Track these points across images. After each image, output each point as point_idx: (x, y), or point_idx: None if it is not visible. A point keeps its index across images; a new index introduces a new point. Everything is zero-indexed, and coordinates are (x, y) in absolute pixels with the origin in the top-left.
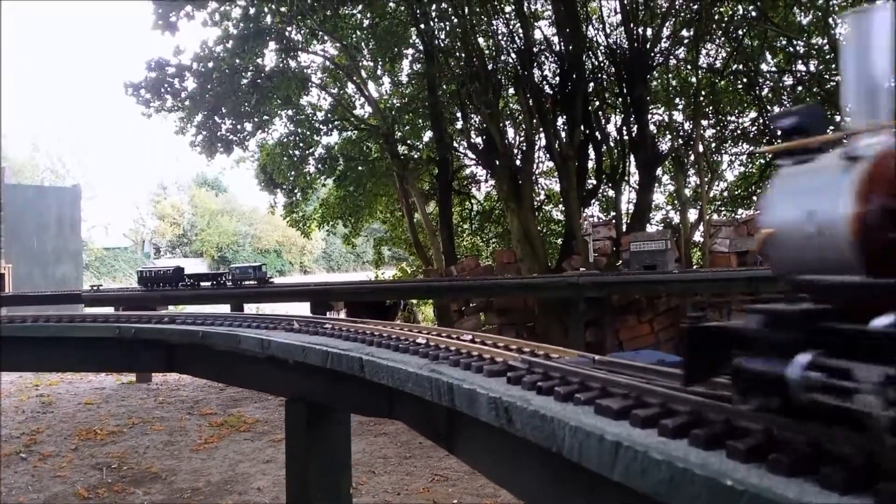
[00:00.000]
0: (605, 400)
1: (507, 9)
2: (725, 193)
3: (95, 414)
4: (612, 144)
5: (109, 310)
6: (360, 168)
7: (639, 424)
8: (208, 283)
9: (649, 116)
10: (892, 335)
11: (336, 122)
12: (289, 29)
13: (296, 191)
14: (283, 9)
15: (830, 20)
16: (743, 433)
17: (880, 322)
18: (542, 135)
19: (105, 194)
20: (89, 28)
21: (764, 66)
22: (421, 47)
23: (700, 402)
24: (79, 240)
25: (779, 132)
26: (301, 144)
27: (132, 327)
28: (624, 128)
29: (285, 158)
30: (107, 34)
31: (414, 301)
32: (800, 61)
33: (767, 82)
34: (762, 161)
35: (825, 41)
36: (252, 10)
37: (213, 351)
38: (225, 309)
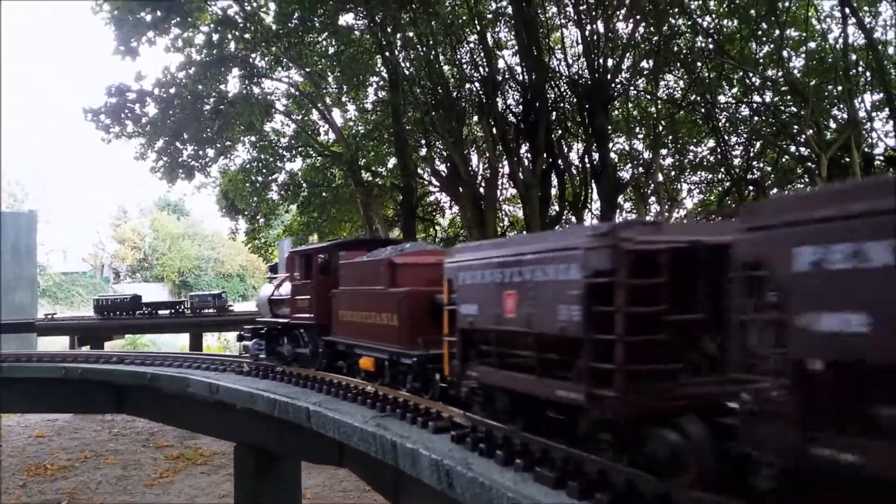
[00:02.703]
0: None
1: (472, 38)
2: (685, 221)
3: (46, 448)
4: (574, 172)
5: (64, 339)
6: (324, 194)
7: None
8: (167, 312)
9: (610, 145)
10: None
11: (300, 149)
12: (253, 56)
13: (258, 217)
14: (246, 35)
15: (784, 53)
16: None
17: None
18: (506, 162)
19: (64, 218)
20: (49, 50)
21: (721, 98)
22: (385, 75)
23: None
24: (34, 266)
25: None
26: (264, 170)
27: (79, 367)
28: (586, 156)
29: (248, 184)
30: (68, 56)
31: None
32: (755, 93)
33: (725, 113)
34: (720, 189)
35: (780, 73)
36: (215, 37)
37: (162, 393)
38: (184, 337)
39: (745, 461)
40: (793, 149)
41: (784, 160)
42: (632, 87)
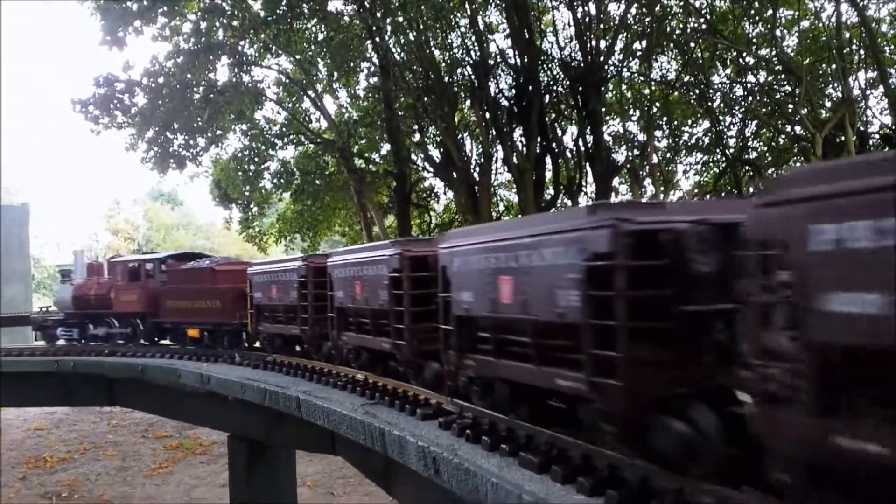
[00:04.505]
0: None
1: (463, 22)
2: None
3: (45, 440)
4: (568, 156)
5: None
6: (317, 182)
7: None
8: None
9: (604, 128)
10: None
11: (291, 137)
12: (241, 43)
13: (251, 205)
14: (234, 23)
15: (777, 32)
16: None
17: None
18: (500, 147)
19: (57, 210)
20: (38, 42)
21: (715, 78)
22: (376, 61)
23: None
24: (27, 260)
25: (62, 275)
26: (256, 159)
27: (71, 360)
28: (580, 139)
29: (240, 173)
30: (59, 46)
31: None
32: (749, 73)
33: (719, 93)
34: (716, 170)
35: (773, 53)
36: (203, 25)
37: (154, 385)
38: None
39: None
40: (788, 128)
41: (779, 140)
42: (625, 69)
